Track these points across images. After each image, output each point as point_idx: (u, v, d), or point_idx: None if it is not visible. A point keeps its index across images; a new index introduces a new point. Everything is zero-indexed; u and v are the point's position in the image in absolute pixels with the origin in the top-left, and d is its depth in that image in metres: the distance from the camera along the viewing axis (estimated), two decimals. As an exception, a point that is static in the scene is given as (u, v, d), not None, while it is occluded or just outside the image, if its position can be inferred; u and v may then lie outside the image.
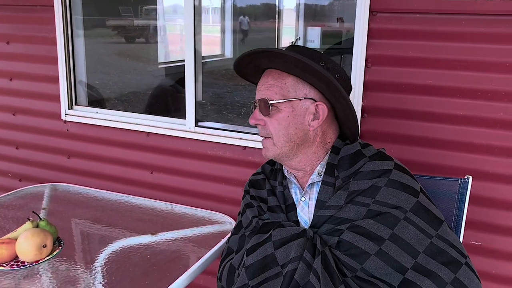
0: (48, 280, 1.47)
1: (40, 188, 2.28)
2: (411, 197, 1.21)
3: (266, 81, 1.31)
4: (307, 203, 1.34)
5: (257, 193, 1.45)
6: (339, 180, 1.28)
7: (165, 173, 2.41)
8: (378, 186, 1.22)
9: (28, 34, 2.63)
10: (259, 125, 1.34)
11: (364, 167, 1.26)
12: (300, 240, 1.21)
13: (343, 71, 1.32)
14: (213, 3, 8.03)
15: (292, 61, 1.24)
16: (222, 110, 5.87)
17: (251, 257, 1.25)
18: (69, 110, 2.61)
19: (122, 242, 1.73)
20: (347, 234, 1.19)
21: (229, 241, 1.45)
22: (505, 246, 1.80)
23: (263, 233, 1.28)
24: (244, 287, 1.23)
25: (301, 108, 1.28)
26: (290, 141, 1.30)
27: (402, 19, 1.78)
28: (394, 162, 1.27)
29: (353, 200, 1.23)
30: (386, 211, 1.19)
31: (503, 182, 1.76)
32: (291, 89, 1.28)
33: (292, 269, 1.18)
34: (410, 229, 1.17)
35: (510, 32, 1.65)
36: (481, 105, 1.73)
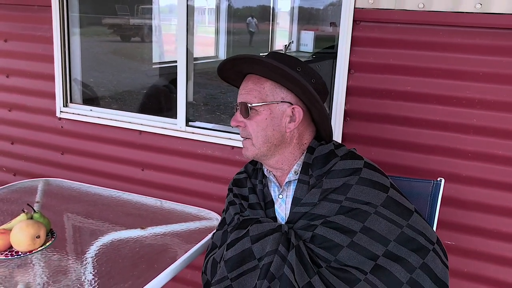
0: (41, 269, 1.52)
1: (34, 183, 2.32)
2: (381, 193, 1.29)
3: (246, 86, 1.39)
4: (284, 200, 1.41)
5: (239, 191, 1.51)
6: (313, 178, 1.34)
7: (156, 171, 2.47)
8: (350, 184, 1.29)
9: (26, 32, 2.67)
10: (239, 126, 1.41)
11: (336, 166, 1.33)
12: (276, 235, 1.28)
13: (318, 76, 1.39)
14: (210, 4, 8.07)
15: (270, 67, 1.31)
16: (215, 110, 5.92)
17: (230, 251, 1.32)
18: (64, 107, 2.66)
19: (112, 235, 1.79)
20: (321, 228, 1.26)
21: (214, 236, 1.52)
22: (476, 245, 1.88)
23: (242, 228, 1.35)
24: (224, 279, 1.30)
25: (278, 111, 1.35)
26: (268, 142, 1.37)
27: (384, 28, 1.86)
28: (364, 161, 1.35)
29: (326, 197, 1.30)
30: (357, 207, 1.26)
31: (475, 185, 1.84)
32: (269, 93, 1.35)
33: (268, 262, 1.25)
34: (381, 222, 1.24)
35: (484, 43, 1.74)
36: (456, 111, 1.81)
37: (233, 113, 1.46)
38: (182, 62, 2.31)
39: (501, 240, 1.85)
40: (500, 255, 1.86)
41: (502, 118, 1.76)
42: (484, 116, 1.78)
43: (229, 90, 7.21)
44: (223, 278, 1.30)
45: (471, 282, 1.92)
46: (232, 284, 1.29)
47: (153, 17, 6.43)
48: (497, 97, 1.75)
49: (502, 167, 1.79)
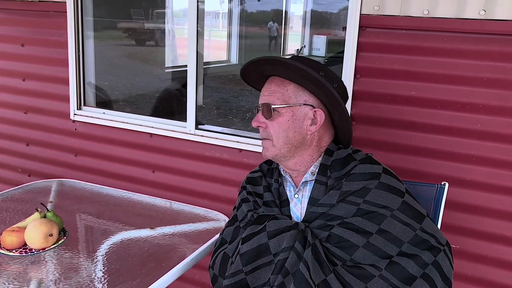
0: (53, 266, 1.57)
1: (48, 183, 2.39)
2: (397, 197, 1.32)
3: (269, 87, 1.41)
4: (300, 199, 1.43)
5: (253, 189, 1.53)
6: (331, 180, 1.37)
7: (166, 172, 2.51)
8: (369, 187, 1.31)
9: (41, 37, 2.74)
10: (260, 127, 1.43)
11: (355, 169, 1.35)
12: (292, 232, 1.30)
13: (340, 81, 1.42)
14: (224, 8, 8.13)
15: (293, 69, 1.33)
16: (228, 114, 5.96)
17: (246, 245, 1.33)
18: (77, 110, 2.71)
19: (122, 234, 1.84)
20: (337, 228, 1.29)
21: (223, 232, 1.54)
22: (480, 249, 1.90)
23: (258, 224, 1.37)
24: (239, 272, 1.32)
25: (300, 113, 1.38)
26: (288, 143, 1.39)
27: (389, 34, 1.89)
28: (382, 166, 1.37)
29: (345, 199, 1.32)
30: (375, 210, 1.29)
31: (479, 189, 1.86)
32: (292, 95, 1.38)
33: (283, 258, 1.27)
34: (396, 224, 1.27)
35: (488, 49, 1.76)
36: (460, 116, 1.83)
37: (245, 117, 1.50)
38: (192, 66, 2.35)
39: (505, 244, 1.86)
40: (504, 259, 1.87)
41: (506, 123, 1.78)
42: (488, 121, 1.80)
43: (241, 94, 7.26)
44: (238, 271, 1.32)
45: (475, 285, 1.93)
46: (247, 277, 1.31)
47: (166, 21, 6.49)
48: (501, 102, 1.77)
49: (506, 171, 1.80)
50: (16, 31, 2.83)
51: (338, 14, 7.43)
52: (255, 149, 2.25)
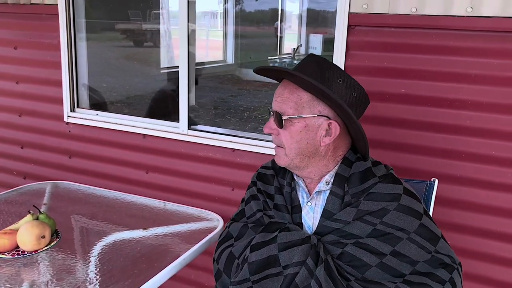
0: (45, 268, 1.58)
1: (42, 185, 2.39)
2: (415, 220, 1.27)
3: (283, 94, 1.32)
4: (312, 208, 1.38)
5: (264, 187, 1.48)
6: (348, 195, 1.31)
7: (159, 173, 2.52)
8: (388, 209, 1.27)
9: (34, 40, 2.75)
10: (272, 134, 1.37)
11: (375, 188, 1.30)
12: (304, 246, 1.26)
13: (361, 89, 1.34)
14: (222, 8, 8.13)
15: (306, 84, 1.27)
16: (226, 114, 5.97)
17: (255, 254, 1.30)
18: (71, 112, 2.73)
19: (115, 235, 1.84)
20: (350, 247, 1.25)
21: (230, 226, 1.49)
22: (471, 245, 1.91)
23: (269, 232, 1.32)
24: (246, 281, 1.28)
25: (314, 124, 1.30)
26: (301, 154, 1.33)
27: (378, 32, 1.90)
28: (403, 186, 1.32)
29: (362, 218, 1.27)
30: (391, 232, 1.25)
31: (469, 185, 1.87)
32: (306, 105, 1.29)
33: (294, 272, 1.24)
34: (411, 247, 1.23)
35: (475, 46, 1.77)
36: (449, 113, 1.84)
37: (243, 117, 1.49)
38: (183, 66, 2.36)
39: (495, 239, 1.87)
40: (494, 254, 1.89)
41: (494, 119, 1.79)
42: (477, 117, 1.81)
43: (239, 93, 7.27)
44: (245, 280, 1.29)
45: (466, 281, 1.93)
46: (253, 286, 1.28)
47: (162, 22, 6.49)
48: (489, 98, 1.78)
49: (495, 167, 1.82)
50: (9, 34, 2.84)
51: (334, 13, 7.44)
52: (249, 148, 2.26)
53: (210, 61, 7.71)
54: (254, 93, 7.43)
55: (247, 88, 7.61)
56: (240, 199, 2.30)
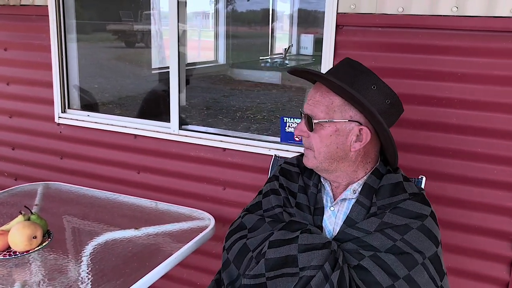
0: (37, 268, 1.60)
1: (33, 187, 2.40)
2: (433, 246, 1.27)
3: (314, 97, 1.32)
4: (335, 214, 1.37)
5: (287, 184, 1.47)
6: (375, 207, 1.31)
7: (151, 173, 2.53)
8: (410, 226, 1.26)
9: (25, 41, 2.74)
10: (303, 136, 1.37)
11: (404, 204, 1.30)
12: (324, 251, 1.25)
13: (394, 96, 1.33)
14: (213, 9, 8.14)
15: (338, 89, 1.27)
16: (218, 114, 5.99)
17: (273, 252, 1.29)
18: (62, 113, 2.72)
19: (107, 235, 1.86)
20: (367, 261, 1.24)
21: (244, 217, 1.47)
22: (458, 241, 1.93)
23: (290, 231, 1.32)
24: (260, 276, 1.27)
25: (345, 129, 1.30)
26: (330, 158, 1.32)
27: (366, 32, 1.92)
28: (431, 209, 1.32)
29: (383, 230, 1.27)
30: (409, 252, 1.23)
31: (456, 182, 1.90)
32: (337, 110, 1.29)
33: (310, 275, 1.23)
34: (424, 275, 1.22)
35: (461, 45, 1.79)
36: (437, 111, 1.87)
37: (235, 117, 1.49)
38: (174, 67, 2.37)
39: (482, 235, 1.90)
40: (482, 250, 1.91)
41: (481, 116, 1.82)
42: (463, 115, 1.84)
43: (232, 94, 7.29)
44: (260, 275, 1.28)
45: (455, 277, 1.96)
46: (267, 282, 1.27)
47: (153, 23, 6.49)
48: (476, 96, 1.81)
49: (481, 164, 1.85)
50: None
51: (324, 13, 7.46)
52: (239, 148, 2.27)
53: (201, 62, 7.72)
54: (246, 93, 7.45)
55: (239, 88, 7.64)
56: (231, 199, 2.33)
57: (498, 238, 1.88)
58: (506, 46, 1.74)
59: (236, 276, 1.37)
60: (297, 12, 8.19)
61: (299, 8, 8.20)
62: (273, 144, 2.21)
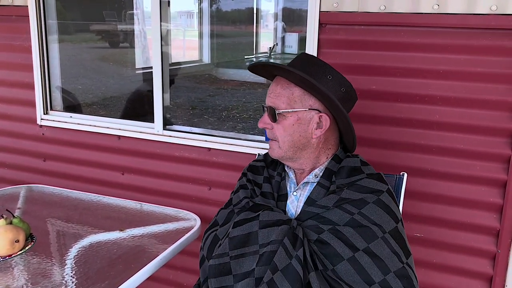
0: (20, 273, 1.57)
1: (16, 189, 2.37)
2: (392, 221, 1.31)
3: (275, 89, 1.40)
4: (297, 198, 1.45)
5: (253, 177, 1.54)
6: (334, 185, 1.38)
7: (135, 174, 2.51)
8: (367, 201, 1.32)
9: (5, 42, 2.71)
10: (266, 128, 1.44)
11: (361, 181, 1.37)
12: (283, 227, 1.31)
13: (349, 85, 1.42)
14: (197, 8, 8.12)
15: (298, 78, 1.34)
16: (204, 114, 5.97)
17: (236, 230, 1.35)
18: (44, 115, 2.69)
19: (91, 238, 1.84)
20: (326, 234, 1.29)
21: (218, 214, 1.54)
22: (442, 237, 1.95)
23: (253, 212, 1.39)
24: (224, 255, 1.33)
25: (305, 118, 1.38)
26: (294, 146, 1.40)
27: (348, 30, 1.93)
28: (388, 187, 1.38)
29: (341, 206, 1.32)
30: (367, 225, 1.28)
31: (438, 178, 1.91)
32: (297, 100, 1.37)
33: (270, 250, 1.28)
34: (385, 248, 1.26)
35: (442, 42, 1.81)
36: (419, 108, 1.88)
37: (221, 116, 1.50)
38: (157, 66, 2.36)
39: (465, 231, 1.92)
40: (465, 245, 1.93)
41: (463, 113, 1.83)
42: (446, 112, 1.85)
43: (217, 93, 7.28)
44: (224, 254, 1.34)
45: (439, 272, 1.98)
46: (231, 262, 1.32)
47: (137, 22, 6.45)
48: (457, 93, 1.83)
49: (463, 160, 1.86)
50: (-22, 37, 2.79)
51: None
52: (224, 147, 2.27)
53: (186, 61, 7.69)
54: (231, 92, 7.45)
55: (224, 88, 7.63)
56: (217, 198, 2.32)
57: (481, 233, 1.90)
58: (487, 43, 1.76)
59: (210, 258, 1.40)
60: (281, 11, 8.21)
61: (283, 7, 8.23)
62: (258, 143, 2.21)
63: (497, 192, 1.85)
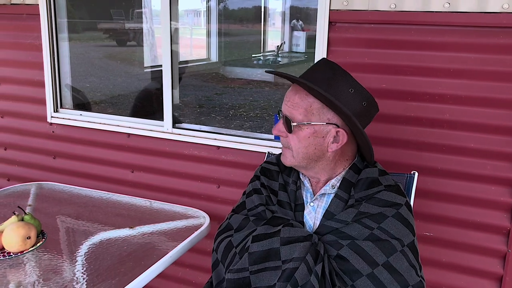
0: (32, 269, 1.59)
1: (26, 187, 2.39)
2: (410, 234, 1.31)
3: (293, 98, 1.34)
4: (314, 209, 1.41)
5: (268, 182, 1.51)
6: (352, 199, 1.36)
7: (145, 172, 2.52)
8: (386, 215, 1.30)
9: (15, 41, 2.73)
10: (281, 136, 1.40)
11: (380, 194, 1.34)
12: (306, 244, 1.29)
13: (371, 98, 1.37)
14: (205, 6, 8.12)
15: (315, 94, 1.30)
16: (211, 112, 5.98)
17: (256, 245, 1.32)
18: (54, 112, 2.71)
19: (101, 235, 1.86)
20: (346, 250, 1.27)
21: (231, 218, 1.50)
22: (452, 236, 1.94)
23: (272, 225, 1.36)
24: (244, 270, 1.31)
25: (322, 131, 1.33)
26: (308, 158, 1.37)
27: (358, 28, 1.93)
28: (406, 200, 1.36)
29: (360, 220, 1.31)
30: (387, 239, 1.27)
31: (449, 177, 1.90)
32: (315, 112, 1.32)
33: (293, 267, 1.26)
34: (404, 262, 1.25)
35: (453, 41, 1.80)
36: (429, 107, 1.87)
37: (228, 115, 1.49)
38: (167, 65, 2.36)
39: (476, 230, 1.91)
40: (476, 245, 1.92)
41: (473, 112, 1.83)
42: (456, 111, 1.85)
43: (224, 92, 7.28)
44: (243, 269, 1.31)
45: (449, 271, 1.98)
46: (250, 276, 1.30)
47: (145, 21, 6.46)
48: (468, 92, 1.82)
49: (474, 159, 1.85)
50: (-10, 35, 2.81)
51: (317, 10, 7.46)
52: (233, 145, 2.27)
53: (194, 60, 7.69)
54: (239, 90, 7.45)
55: (231, 86, 7.63)
56: (226, 196, 2.33)
57: (491, 233, 1.90)
58: (498, 41, 1.75)
59: (227, 271, 1.39)
60: (289, 9, 8.19)
61: (291, 5, 8.21)
62: (266, 141, 2.21)
63: (508, 192, 1.84)
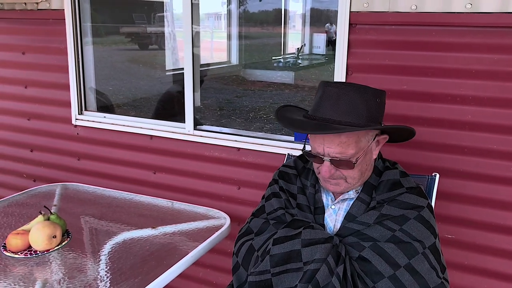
0: (57, 267, 1.63)
1: (51, 187, 2.45)
2: (432, 236, 1.32)
3: (338, 139, 1.31)
4: (335, 211, 1.43)
5: (287, 186, 1.52)
6: (374, 201, 1.38)
7: (167, 173, 2.55)
8: (408, 217, 1.32)
9: (42, 45, 2.79)
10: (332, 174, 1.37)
11: (401, 196, 1.36)
12: (327, 245, 1.30)
13: (379, 92, 1.37)
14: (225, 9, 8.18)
15: (350, 131, 1.29)
16: (231, 115, 6.02)
17: (277, 248, 1.33)
18: (79, 115, 2.76)
19: (124, 235, 1.89)
20: (368, 251, 1.29)
21: (251, 222, 1.53)
22: (475, 238, 1.92)
23: (293, 228, 1.37)
24: (266, 272, 1.32)
25: (370, 148, 1.38)
26: (362, 176, 1.39)
27: (379, 30, 1.92)
28: (428, 202, 1.38)
29: (382, 222, 1.32)
30: (409, 241, 1.29)
31: (470, 179, 1.88)
32: (362, 138, 1.34)
33: (315, 268, 1.27)
34: (425, 264, 1.26)
35: (475, 41, 1.78)
36: (451, 108, 1.86)
37: (248, 117, 1.50)
38: (188, 68, 2.39)
39: (498, 232, 1.89)
40: (499, 248, 1.90)
41: (495, 113, 1.80)
42: (478, 112, 1.83)
43: (244, 94, 7.32)
44: (265, 271, 1.33)
45: (472, 274, 1.95)
46: (272, 278, 1.31)
47: (166, 25, 6.53)
48: (490, 93, 1.80)
49: (497, 161, 1.83)
50: (17, 40, 2.88)
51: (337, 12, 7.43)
52: (253, 147, 2.29)
53: (214, 62, 7.76)
54: (259, 93, 7.48)
55: (251, 89, 7.67)
56: (246, 198, 2.34)
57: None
58: (521, 42, 1.73)
59: (245, 278, 1.40)
60: (309, 11, 8.20)
61: (311, 8, 8.21)
62: (287, 143, 2.22)
63: (531, 194, 1.82)
